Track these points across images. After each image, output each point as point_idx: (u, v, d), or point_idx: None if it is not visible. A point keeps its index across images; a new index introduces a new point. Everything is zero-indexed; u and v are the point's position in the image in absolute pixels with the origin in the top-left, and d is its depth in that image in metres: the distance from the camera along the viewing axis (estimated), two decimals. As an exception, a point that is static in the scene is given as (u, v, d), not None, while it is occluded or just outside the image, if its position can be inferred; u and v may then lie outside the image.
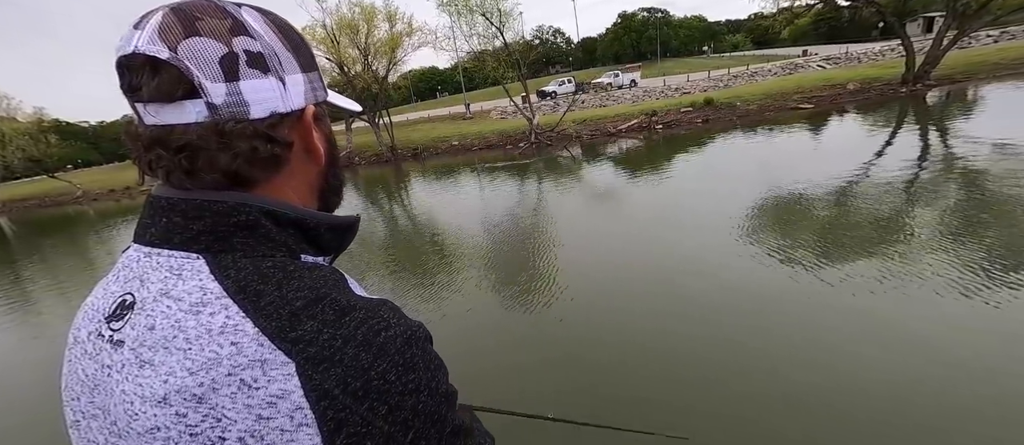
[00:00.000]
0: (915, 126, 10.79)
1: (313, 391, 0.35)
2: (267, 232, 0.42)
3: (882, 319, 3.41)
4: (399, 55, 20.67)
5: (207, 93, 0.38)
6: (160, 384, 0.36)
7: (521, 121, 18.99)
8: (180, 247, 0.40)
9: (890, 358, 3.00)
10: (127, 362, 0.38)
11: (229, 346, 0.35)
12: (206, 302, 0.37)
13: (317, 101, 0.48)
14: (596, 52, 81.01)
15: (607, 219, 7.34)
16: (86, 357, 0.42)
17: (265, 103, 0.42)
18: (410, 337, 0.41)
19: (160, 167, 0.41)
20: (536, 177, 11.81)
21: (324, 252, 0.49)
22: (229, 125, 0.39)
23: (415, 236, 8.40)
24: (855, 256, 4.49)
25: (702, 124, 15.99)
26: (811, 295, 3.90)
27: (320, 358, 0.36)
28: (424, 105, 52.14)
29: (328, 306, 0.39)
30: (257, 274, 0.39)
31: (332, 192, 0.54)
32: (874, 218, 5.38)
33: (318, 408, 0.35)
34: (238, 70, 0.40)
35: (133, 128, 0.42)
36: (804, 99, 16.32)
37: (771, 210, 6.22)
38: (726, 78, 25.62)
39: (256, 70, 0.41)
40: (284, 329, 0.36)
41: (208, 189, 0.41)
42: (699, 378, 3.11)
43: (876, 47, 27.74)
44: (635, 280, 4.81)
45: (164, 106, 0.39)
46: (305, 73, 0.47)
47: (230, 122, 0.40)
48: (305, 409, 0.35)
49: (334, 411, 0.35)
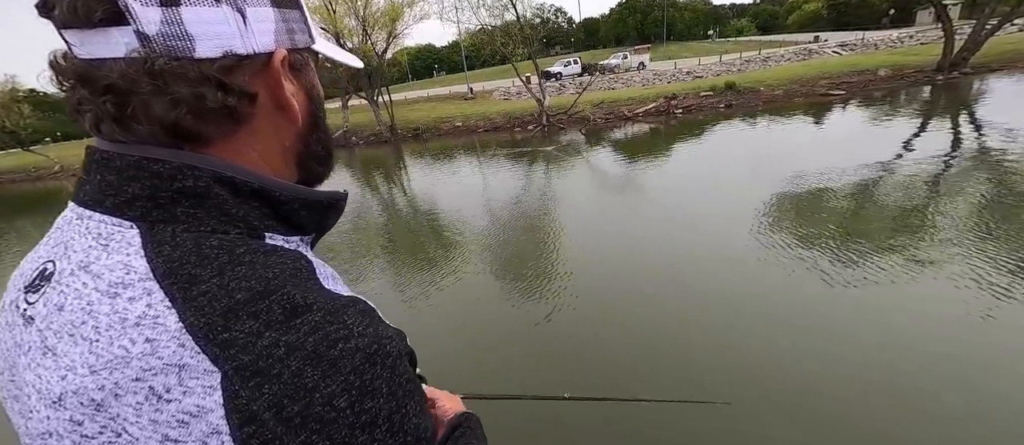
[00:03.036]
0: (963, 114, 10.02)
1: (237, 412, 0.28)
2: (220, 203, 0.34)
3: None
4: (399, 28, 19.35)
5: (136, 18, 0.30)
6: (57, 380, 0.30)
7: (528, 102, 17.95)
8: (112, 211, 0.33)
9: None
10: (33, 345, 0.33)
11: (142, 343, 0.29)
12: (127, 283, 0.30)
13: (294, 46, 0.39)
14: (599, 33, 79.26)
15: (639, 206, 6.53)
16: (5, 328, 0.36)
17: (216, 39, 0.33)
18: (376, 352, 0.32)
19: (87, 112, 0.33)
20: (550, 162, 10.91)
21: (300, 231, 0.41)
22: (160, 63, 0.31)
23: (417, 223, 7.56)
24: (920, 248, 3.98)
25: (725, 109, 15.10)
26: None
27: (254, 369, 0.29)
28: (421, 84, 50.28)
29: (276, 303, 0.31)
30: (196, 254, 0.32)
31: (315, 160, 0.45)
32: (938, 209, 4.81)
33: (240, 435, 0.28)
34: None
35: (58, 62, 0.34)
36: (833, 85, 15.43)
37: (831, 197, 5.49)
38: (738, 63, 24.85)
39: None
40: (215, 328, 0.29)
41: (147, 144, 0.33)
42: (740, 346, 3.12)
43: (894, 34, 26.98)
44: (667, 268, 4.42)
45: (84, 33, 0.31)
46: (278, 8, 0.37)
47: (163, 59, 0.31)
48: (223, 434, 0.28)
49: (259, 441, 0.28)
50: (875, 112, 11.60)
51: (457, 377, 3.14)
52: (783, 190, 6.20)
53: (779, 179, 6.65)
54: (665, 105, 15.93)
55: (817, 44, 29.13)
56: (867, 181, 6.19)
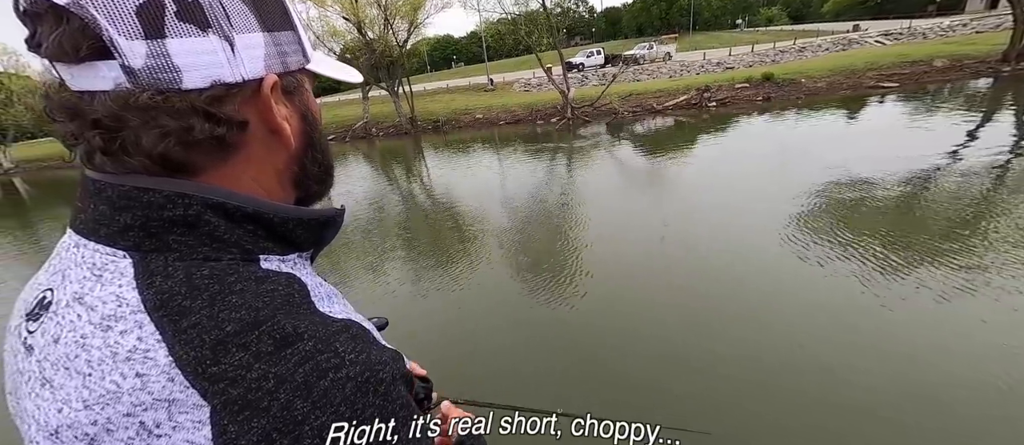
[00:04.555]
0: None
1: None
2: (212, 230, 0.34)
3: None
4: (420, 17, 18.93)
5: (121, 52, 0.30)
6: (54, 413, 0.31)
7: (549, 94, 17.34)
8: (106, 241, 0.33)
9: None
10: (33, 375, 0.33)
11: (133, 377, 0.29)
12: (119, 316, 0.31)
13: (287, 68, 0.39)
14: (620, 23, 77.25)
15: (680, 204, 5.98)
16: (10, 353, 0.37)
17: (203, 69, 0.33)
18: (368, 380, 0.32)
19: (79, 144, 0.34)
20: (574, 156, 10.36)
21: (297, 248, 0.41)
22: (144, 97, 0.31)
23: (437, 220, 7.19)
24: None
25: (763, 102, 14.20)
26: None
27: (243, 403, 0.28)
28: (440, 75, 49.97)
29: (266, 333, 0.31)
30: (187, 285, 0.32)
31: (312, 179, 0.45)
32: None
33: None
34: (163, 23, 0.31)
35: (50, 95, 0.33)
36: (882, 77, 14.32)
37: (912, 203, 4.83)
38: (772, 53, 23.57)
39: (189, 24, 0.32)
40: (204, 361, 0.29)
41: (138, 173, 0.33)
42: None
43: (944, 22, 25.09)
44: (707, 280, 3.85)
45: (72, 67, 0.31)
46: (269, 32, 0.37)
47: (149, 93, 0.31)
48: None
49: None
50: (932, 106, 10.64)
51: (459, 378, 3.13)
52: (840, 196, 5.57)
53: (833, 178, 6.03)
54: (697, 97, 15.11)
55: (857, 34, 27.45)
56: (938, 183, 5.50)
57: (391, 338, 0.44)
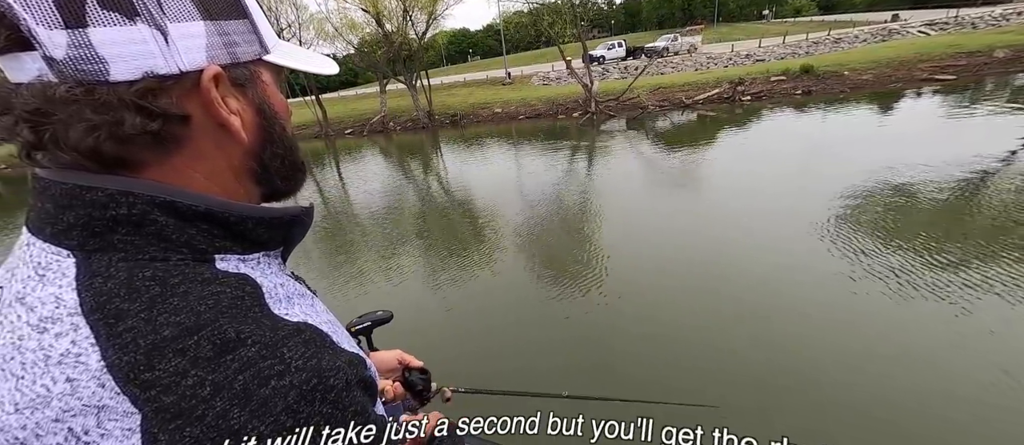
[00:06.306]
0: None
1: None
2: (160, 229, 0.33)
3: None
4: (439, 8, 18.45)
5: (41, 43, 0.28)
6: None
7: (569, 87, 16.69)
8: (52, 240, 0.32)
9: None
10: None
11: (63, 382, 0.28)
12: (56, 318, 0.30)
13: (236, 59, 0.37)
14: (640, 14, 75.30)
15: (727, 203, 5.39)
16: None
17: (133, 60, 0.31)
18: (315, 387, 0.31)
19: (14, 139, 0.33)
20: (598, 154, 9.78)
21: (262, 248, 0.39)
22: (62, 90, 0.29)
23: (457, 219, 6.73)
24: None
25: (802, 95, 13.32)
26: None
27: (175, 411, 0.27)
28: (456, 68, 49.49)
29: (206, 338, 0.29)
30: (126, 287, 0.30)
31: (276, 176, 0.43)
32: None
33: None
34: (84, 12, 0.29)
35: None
36: (935, 69, 13.26)
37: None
38: (805, 44, 22.42)
39: (114, 12, 0.30)
40: (138, 367, 0.28)
41: (81, 170, 0.32)
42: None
43: (995, 11, 23.36)
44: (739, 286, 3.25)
45: (2, 59, 0.30)
46: (212, 21, 0.35)
47: (67, 85, 0.29)
48: None
49: None
50: (998, 99, 9.68)
51: (469, 371, 3.11)
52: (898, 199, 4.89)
53: (892, 176, 5.33)
54: (730, 91, 14.29)
55: (898, 23, 25.86)
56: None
57: (400, 331, 0.35)
